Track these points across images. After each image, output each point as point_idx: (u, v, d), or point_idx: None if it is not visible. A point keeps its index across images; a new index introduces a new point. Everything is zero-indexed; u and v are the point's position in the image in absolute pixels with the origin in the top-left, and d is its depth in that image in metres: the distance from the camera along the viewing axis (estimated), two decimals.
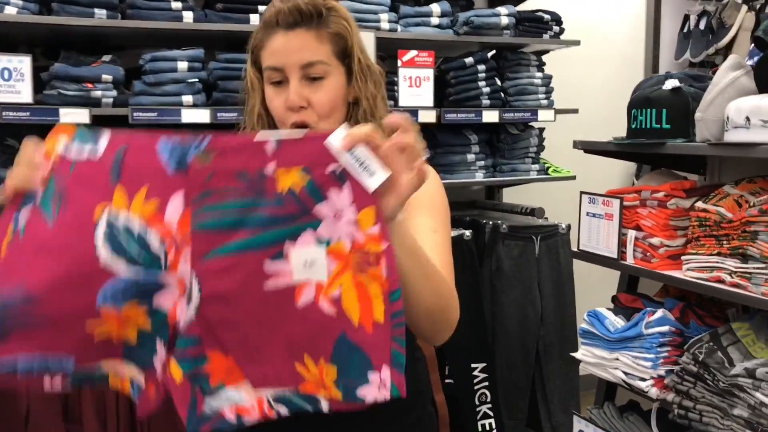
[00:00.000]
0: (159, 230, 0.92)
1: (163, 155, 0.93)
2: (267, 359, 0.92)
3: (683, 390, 1.88)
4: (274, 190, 0.89)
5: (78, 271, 0.92)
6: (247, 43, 1.24)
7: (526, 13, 3.12)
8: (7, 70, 2.33)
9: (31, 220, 0.95)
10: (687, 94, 2.00)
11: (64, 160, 0.95)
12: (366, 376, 0.89)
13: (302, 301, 0.90)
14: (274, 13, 1.17)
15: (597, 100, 3.68)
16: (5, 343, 0.92)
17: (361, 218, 0.89)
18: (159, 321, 0.94)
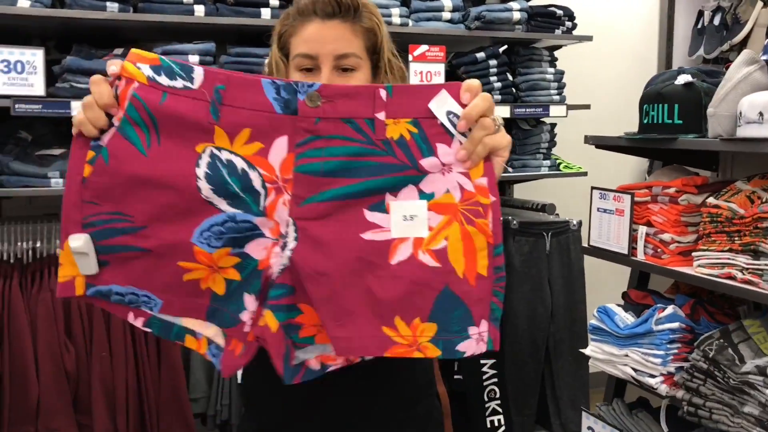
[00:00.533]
0: (262, 170, 0.91)
1: (268, 94, 0.91)
2: (353, 321, 0.90)
3: (693, 387, 1.87)
4: (382, 138, 0.89)
5: (178, 203, 0.91)
6: (272, 30, 1.26)
7: (539, 8, 3.11)
8: (20, 63, 2.34)
9: (116, 145, 0.92)
10: (699, 89, 1.98)
11: (153, 88, 0.92)
12: (467, 330, 0.89)
13: (397, 258, 0.89)
14: (311, 1, 1.18)
15: (609, 95, 3.65)
16: (103, 273, 0.93)
17: (472, 172, 0.89)
18: (249, 271, 0.92)
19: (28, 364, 2.39)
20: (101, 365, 2.47)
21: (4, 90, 2.32)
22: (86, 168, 0.92)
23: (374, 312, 0.90)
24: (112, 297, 0.94)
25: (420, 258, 0.89)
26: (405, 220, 0.89)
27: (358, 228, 0.90)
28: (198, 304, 0.94)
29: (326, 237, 0.90)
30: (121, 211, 0.92)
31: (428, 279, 0.89)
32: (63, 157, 2.50)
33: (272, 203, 0.91)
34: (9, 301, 2.39)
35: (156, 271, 0.93)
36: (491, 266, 0.90)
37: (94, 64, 2.44)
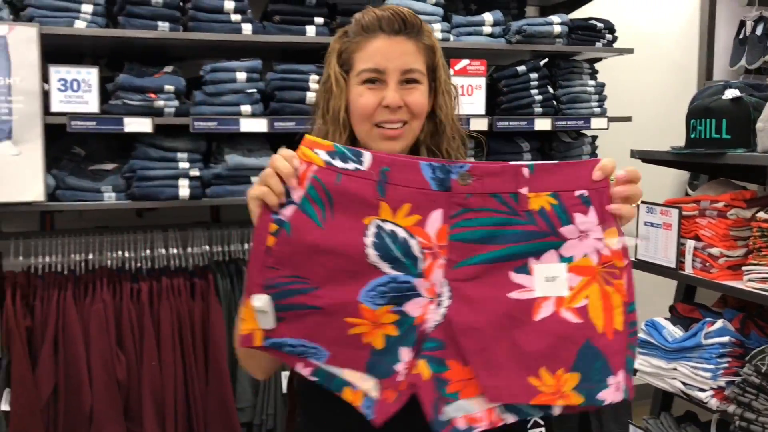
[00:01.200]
0: (420, 238, 1.03)
1: (425, 174, 1.03)
2: (502, 372, 0.99)
3: (745, 402, 1.87)
4: (525, 209, 1.00)
5: (349, 268, 1.03)
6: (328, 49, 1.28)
7: (579, 21, 3.12)
8: (76, 81, 2.43)
9: (296, 218, 1.05)
10: (748, 104, 1.98)
11: (329, 170, 1.05)
12: (606, 381, 0.98)
13: (540, 315, 0.99)
14: (375, 18, 1.22)
15: (650, 107, 3.64)
16: (279, 326, 1.05)
17: (606, 236, 1.00)
18: (406, 327, 1.03)
19: (81, 372, 2.46)
20: (151, 374, 2.53)
21: (61, 107, 2.41)
22: (269, 239, 1.05)
23: (520, 364, 0.99)
24: (285, 348, 1.06)
25: (562, 315, 0.99)
26: (547, 281, 0.99)
27: (505, 288, 1.00)
28: (359, 356, 1.05)
29: (477, 296, 1.00)
30: (298, 274, 1.05)
31: (571, 333, 0.98)
32: (115, 172, 2.58)
33: (429, 267, 1.03)
34: (63, 311, 2.47)
35: (325, 326, 1.05)
36: (626, 322, 0.99)
37: (145, 81, 2.52)
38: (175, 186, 2.53)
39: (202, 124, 2.54)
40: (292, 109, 2.65)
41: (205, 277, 2.66)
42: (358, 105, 1.23)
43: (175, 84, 2.54)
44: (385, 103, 1.21)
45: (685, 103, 2.45)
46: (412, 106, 1.23)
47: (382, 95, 1.21)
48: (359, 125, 1.25)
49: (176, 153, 2.57)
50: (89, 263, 2.67)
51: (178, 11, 2.56)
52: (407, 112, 1.23)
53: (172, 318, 2.57)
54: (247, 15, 2.63)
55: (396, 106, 1.22)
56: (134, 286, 2.57)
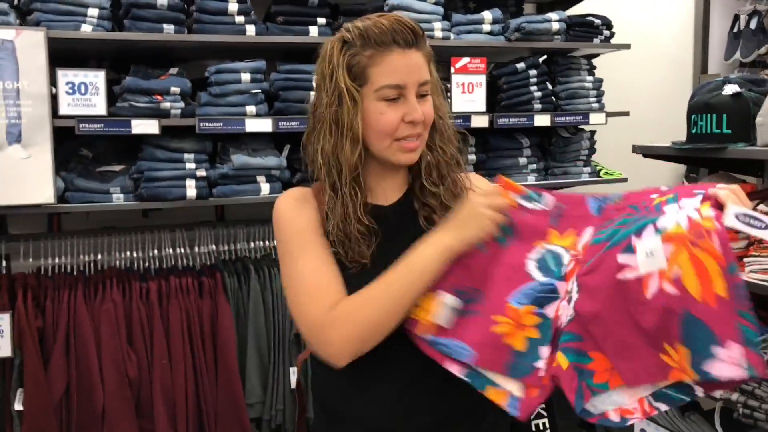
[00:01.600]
0: (572, 251, 1.16)
1: (590, 206, 1.19)
2: (634, 354, 1.02)
3: (748, 390, 1.91)
4: (646, 206, 1.11)
5: (509, 276, 1.16)
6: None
7: (577, 18, 3.16)
8: (84, 84, 2.45)
9: (490, 244, 1.19)
10: (748, 99, 2.03)
11: (520, 209, 1.20)
12: (710, 350, 0.93)
13: (650, 291, 0.99)
14: (386, 31, 1.22)
15: (647, 102, 3.69)
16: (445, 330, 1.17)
17: (702, 206, 1.00)
18: (545, 328, 1.11)
19: (93, 371, 2.49)
20: (162, 372, 2.57)
21: (69, 110, 2.43)
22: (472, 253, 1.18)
23: (647, 342, 1.00)
24: (437, 346, 1.17)
25: (664, 288, 0.98)
26: (647, 257, 1.00)
27: (613, 271, 1.03)
28: (499, 357, 1.12)
29: (594, 284, 1.06)
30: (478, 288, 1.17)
31: (673, 306, 0.97)
32: (123, 173, 2.60)
33: (571, 271, 1.14)
34: (74, 311, 2.50)
35: (477, 325, 1.14)
36: (730, 286, 0.93)
37: (151, 84, 2.54)
38: (182, 186, 2.56)
39: (207, 125, 2.57)
40: (296, 108, 2.69)
41: (213, 275, 2.70)
42: (380, 122, 1.24)
43: (180, 86, 2.57)
44: (410, 119, 1.24)
45: (681, 97, 2.50)
46: (427, 117, 1.27)
47: (403, 111, 1.24)
48: (378, 141, 1.26)
49: (183, 154, 2.60)
50: (98, 264, 2.70)
51: (183, 14, 2.58)
52: (423, 123, 1.27)
53: (181, 317, 2.60)
54: (250, 16, 2.66)
55: (420, 121, 1.25)
56: (143, 285, 2.60)
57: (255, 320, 2.70)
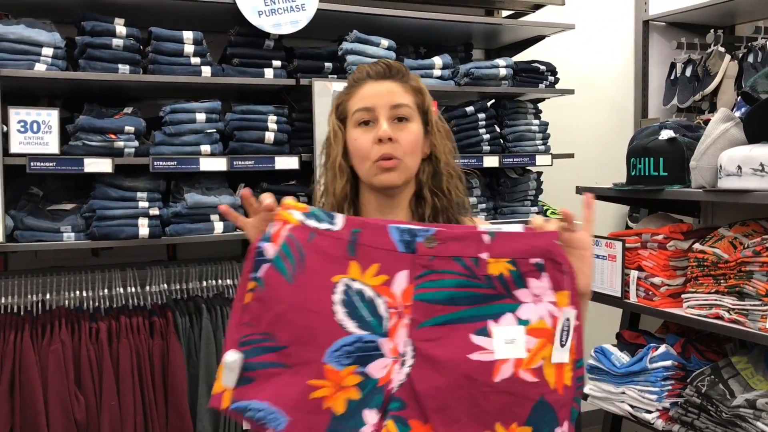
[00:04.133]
0: (386, 298, 1.08)
1: (393, 237, 1.09)
2: (460, 428, 1.04)
3: (688, 421, 1.99)
4: (484, 273, 1.06)
5: (315, 325, 1.07)
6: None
7: (523, 64, 3.28)
8: (36, 123, 2.44)
9: (269, 275, 1.09)
10: (682, 144, 2.14)
11: (303, 228, 1.11)
12: (553, 431, 1.04)
13: (500, 376, 1.04)
14: (363, 71, 1.35)
15: (591, 144, 3.84)
16: (247, 387, 1.07)
17: (558, 299, 1.06)
18: (368, 389, 1.06)
19: (38, 413, 2.43)
20: (111, 414, 2.51)
21: (20, 149, 2.41)
22: (247, 296, 1.10)
23: (478, 420, 1.04)
24: (248, 413, 1.06)
25: (521, 375, 1.04)
26: (506, 344, 1.04)
27: (466, 350, 1.04)
28: (319, 422, 1.06)
29: (439, 356, 1.05)
30: (269, 332, 1.08)
31: (528, 392, 1.04)
32: (74, 211, 2.58)
33: (394, 326, 1.07)
34: (20, 352, 2.44)
35: (289, 387, 1.06)
36: (574, 377, 1.06)
37: (105, 122, 2.54)
38: (134, 225, 2.55)
39: (162, 164, 2.57)
40: (251, 148, 2.72)
41: (164, 315, 2.67)
42: (355, 146, 1.31)
43: (135, 125, 2.58)
44: (378, 136, 1.28)
45: (623, 139, 2.61)
46: (403, 142, 1.30)
47: (374, 133, 1.29)
48: (360, 166, 1.32)
49: (136, 192, 2.59)
50: (46, 303, 2.65)
51: (138, 54, 2.60)
52: (400, 148, 1.30)
53: (131, 357, 2.57)
54: (206, 58, 2.69)
55: (386, 138, 1.28)
56: (93, 325, 2.56)
57: (207, 360, 2.68)
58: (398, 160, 1.29)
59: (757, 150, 1.88)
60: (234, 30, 2.76)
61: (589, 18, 3.90)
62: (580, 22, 3.53)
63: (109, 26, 2.54)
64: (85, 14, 2.55)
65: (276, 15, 2.74)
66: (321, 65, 2.88)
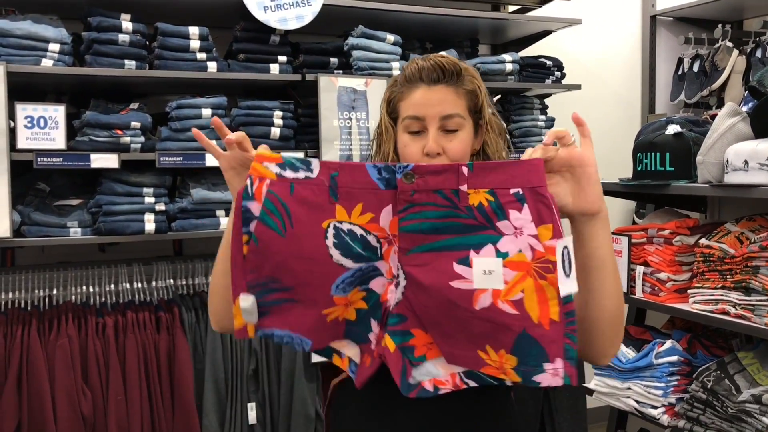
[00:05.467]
0: (376, 232, 1.12)
1: (372, 175, 1.11)
2: (455, 343, 1.09)
3: (693, 416, 1.98)
4: (465, 204, 1.08)
5: (317, 270, 1.13)
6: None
7: (529, 59, 3.28)
8: (43, 118, 2.45)
9: (260, 231, 1.14)
10: (688, 139, 2.13)
11: (282, 181, 1.13)
12: (542, 366, 1.05)
13: (480, 304, 1.06)
14: (417, 69, 1.30)
15: (597, 139, 3.76)
16: (265, 318, 1.17)
17: (540, 232, 1.04)
18: (373, 301, 1.14)
19: (46, 408, 2.44)
20: (117, 409, 2.53)
21: (27, 144, 2.42)
22: (245, 248, 1.15)
23: (469, 339, 1.09)
24: (274, 338, 1.17)
25: (500, 306, 1.05)
26: (485, 275, 1.06)
27: (449, 277, 1.08)
28: (337, 330, 1.17)
29: (425, 281, 1.09)
30: (273, 275, 1.14)
31: (508, 323, 1.05)
32: (81, 207, 2.59)
33: (387, 251, 1.13)
34: (28, 347, 2.46)
35: (305, 317, 1.16)
36: (562, 312, 1.04)
37: (111, 118, 2.55)
38: (141, 220, 2.57)
39: (168, 159, 2.58)
40: (256, 143, 2.70)
41: (170, 310, 2.69)
42: (405, 154, 1.31)
43: (141, 120, 2.59)
44: (425, 151, 1.28)
45: (630, 135, 2.60)
46: (450, 153, 1.28)
47: (424, 143, 1.28)
48: None
49: (142, 188, 2.60)
50: (53, 299, 2.66)
51: (145, 50, 2.61)
52: (447, 159, 1.28)
53: (137, 352, 2.58)
54: (212, 53, 2.70)
55: (435, 154, 1.28)
56: (99, 320, 2.57)
57: (212, 355, 2.69)
58: None
59: (763, 144, 1.87)
60: (239, 25, 2.77)
61: (596, 13, 3.89)
62: (587, 17, 3.52)
63: (116, 22, 2.55)
64: (91, 10, 2.56)
65: (281, 10, 2.74)
66: (327, 60, 2.88)
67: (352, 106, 2.81)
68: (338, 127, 2.78)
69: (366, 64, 2.89)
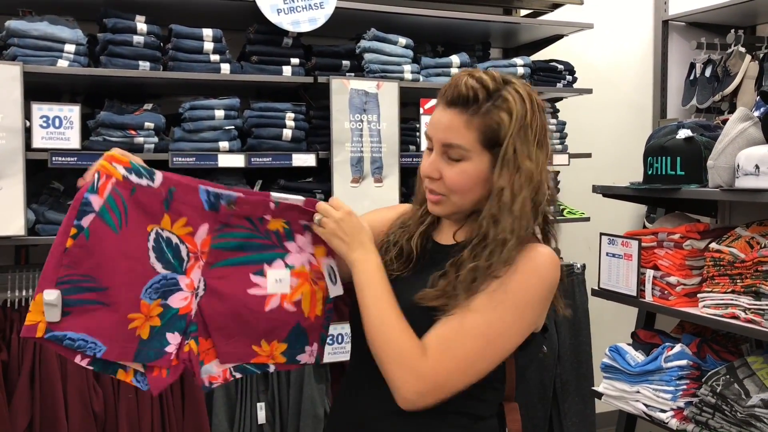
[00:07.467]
0: (188, 245, 1.32)
1: (202, 197, 1.31)
2: (234, 343, 1.34)
3: (702, 421, 1.98)
4: (265, 229, 1.35)
5: (136, 269, 1.28)
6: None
7: (541, 63, 3.28)
8: (58, 118, 2.48)
9: (96, 226, 1.23)
10: (699, 143, 2.13)
11: (126, 183, 1.26)
12: (304, 348, 1.38)
13: (270, 306, 1.34)
14: (447, 85, 1.25)
15: (608, 144, 3.82)
16: (63, 321, 1.22)
17: (315, 252, 1.37)
18: (169, 317, 1.30)
19: (58, 406, 2.46)
20: (128, 407, 2.55)
21: (43, 144, 2.45)
22: (69, 241, 1.22)
23: (248, 337, 1.35)
24: (65, 342, 1.22)
25: (285, 306, 1.35)
26: (276, 282, 1.35)
27: (245, 285, 1.34)
28: (129, 348, 1.28)
29: (224, 290, 1.33)
30: (90, 274, 1.24)
31: (288, 318, 1.36)
32: None
33: (191, 267, 1.33)
34: (41, 345, 2.48)
35: (108, 321, 1.25)
36: (325, 310, 1.38)
37: (125, 118, 2.58)
38: None
39: (180, 160, 2.61)
40: (268, 145, 2.74)
41: None
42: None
43: (155, 121, 2.61)
44: (422, 173, 1.28)
45: (641, 140, 2.60)
46: (447, 181, 1.23)
47: (428, 160, 1.27)
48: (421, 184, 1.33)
49: None
50: None
51: (159, 51, 2.64)
52: (443, 186, 1.24)
53: None
54: (225, 55, 2.72)
55: (425, 176, 1.27)
56: None
57: None
58: (441, 197, 1.26)
59: None
60: (253, 28, 2.79)
61: (608, 17, 3.89)
62: (599, 21, 3.52)
63: (130, 23, 2.57)
64: (106, 11, 2.59)
65: (295, 13, 2.76)
66: (339, 63, 2.90)
67: (364, 108, 2.82)
68: (349, 129, 2.79)
69: (378, 67, 2.90)
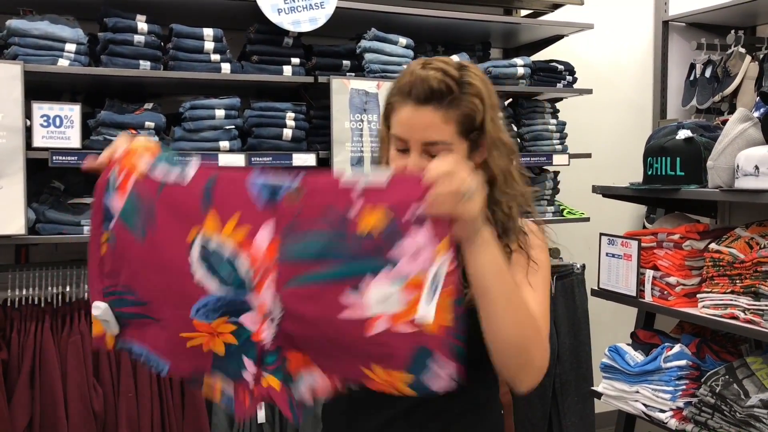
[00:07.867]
0: (248, 255, 0.99)
1: (252, 190, 0.99)
2: (337, 362, 1.02)
3: (702, 421, 1.98)
4: (354, 230, 0.97)
5: (175, 286, 1.02)
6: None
7: (541, 63, 3.28)
8: (59, 117, 2.48)
9: (119, 231, 1.04)
10: (699, 144, 2.14)
11: (150, 180, 1.03)
12: (431, 370, 0.98)
13: (374, 331, 0.97)
14: (409, 81, 1.19)
15: (608, 144, 3.82)
16: (124, 332, 1.07)
17: (439, 249, 0.96)
18: (244, 338, 1.03)
19: (58, 404, 2.47)
20: (128, 406, 2.55)
21: (43, 143, 2.45)
22: (103, 247, 1.06)
23: (355, 358, 1.01)
24: (132, 355, 1.09)
25: (397, 328, 0.97)
26: (379, 302, 0.97)
27: (337, 309, 0.98)
28: (203, 363, 1.06)
29: (309, 316, 1.00)
30: (129, 285, 1.05)
31: (405, 342, 0.97)
32: None
33: (259, 283, 1.01)
34: (41, 343, 2.48)
35: (162, 338, 1.05)
36: (453, 317, 0.98)
37: (126, 118, 2.58)
38: None
39: None
40: (269, 144, 2.74)
41: None
42: (394, 167, 1.23)
43: (155, 120, 2.61)
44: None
45: (641, 140, 2.61)
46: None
47: (406, 164, 1.20)
48: None
49: None
50: (66, 296, 2.69)
51: (159, 50, 2.64)
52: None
53: None
54: (225, 55, 2.72)
55: None
56: None
57: None
58: None
59: None
60: (253, 27, 2.79)
61: (608, 18, 3.89)
62: (599, 21, 3.52)
63: (131, 23, 2.57)
64: (107, 11, 2.59)
65: (295, 13, 2.77)
66: (339, 63, 2.90)
67: (364, 108, 2.82)
68: (350, 129, 2.79)
69: (378, 67, 2.91)
